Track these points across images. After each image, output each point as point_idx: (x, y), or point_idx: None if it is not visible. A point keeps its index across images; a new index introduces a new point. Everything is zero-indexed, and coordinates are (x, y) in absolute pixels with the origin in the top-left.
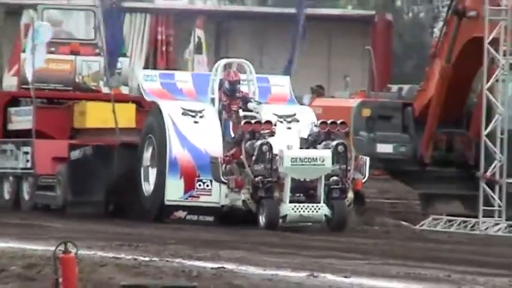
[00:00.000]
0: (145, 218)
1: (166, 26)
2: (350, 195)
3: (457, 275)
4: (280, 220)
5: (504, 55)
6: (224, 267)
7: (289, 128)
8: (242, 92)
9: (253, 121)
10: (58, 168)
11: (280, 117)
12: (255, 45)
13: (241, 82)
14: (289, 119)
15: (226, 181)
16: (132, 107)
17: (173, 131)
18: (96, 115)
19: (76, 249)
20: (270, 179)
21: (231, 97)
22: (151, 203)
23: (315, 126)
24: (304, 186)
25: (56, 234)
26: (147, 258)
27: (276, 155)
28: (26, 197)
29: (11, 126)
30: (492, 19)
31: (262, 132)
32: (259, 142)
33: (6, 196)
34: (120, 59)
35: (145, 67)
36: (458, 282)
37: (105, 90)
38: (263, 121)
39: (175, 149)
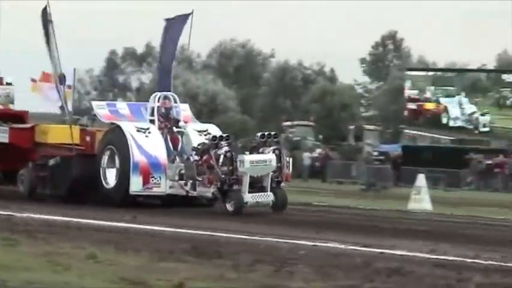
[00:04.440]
0: (110, 204)
1: None
2: (283, 184)
3: None
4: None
5: None
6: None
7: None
8: (171, 115)
9: (217, 135)
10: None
11: (199, 131)
12: None
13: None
14: (205, 133)
15: (200, 179)
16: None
17: (133, 143)
18: (53, 134)
19: None
20: (233, 176)
21: (166, 119)
22: (116, 193)
23: (257, 136)
24: (257, 181)
25: None
26: None
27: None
28: None
29: None
30: None
31: (222, 143)
32: (223, 150)
33: None
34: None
35: None
36: None
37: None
38: (222, 136)
39: (136, 156)
